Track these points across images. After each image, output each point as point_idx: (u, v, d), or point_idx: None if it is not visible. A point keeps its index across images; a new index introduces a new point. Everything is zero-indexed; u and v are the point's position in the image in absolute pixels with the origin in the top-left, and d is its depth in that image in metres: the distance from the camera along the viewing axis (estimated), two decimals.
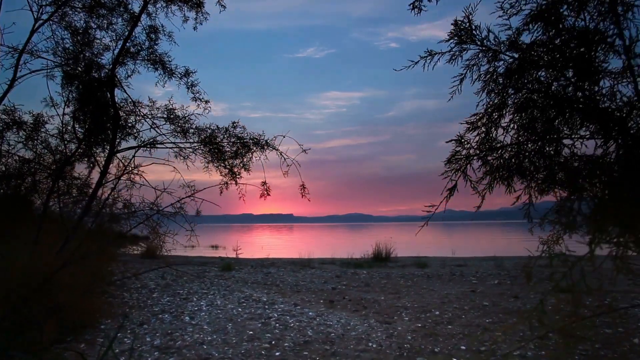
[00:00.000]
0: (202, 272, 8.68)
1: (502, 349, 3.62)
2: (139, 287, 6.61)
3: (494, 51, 2.77)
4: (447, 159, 2.97)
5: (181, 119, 6.72)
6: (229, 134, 6.66)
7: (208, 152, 6.71)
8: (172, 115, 6.69)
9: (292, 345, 3.78)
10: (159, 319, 4.70)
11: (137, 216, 6.26)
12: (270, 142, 6.51)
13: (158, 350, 3.63)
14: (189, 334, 4.14)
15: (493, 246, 20.98)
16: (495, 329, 4.28)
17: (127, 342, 3.88)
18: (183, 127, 6.72)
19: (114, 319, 4.64)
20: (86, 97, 6.15)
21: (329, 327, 4.40)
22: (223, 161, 6.69)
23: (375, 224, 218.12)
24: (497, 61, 2.79)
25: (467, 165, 2.92)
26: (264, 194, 6.51)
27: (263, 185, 6.58)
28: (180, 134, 6.75)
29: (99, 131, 6.34)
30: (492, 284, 7.16)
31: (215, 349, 3.69)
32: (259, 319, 4.72)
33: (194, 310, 5.12)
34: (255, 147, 6.56)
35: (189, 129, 6.71)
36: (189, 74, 6.73)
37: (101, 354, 2.77)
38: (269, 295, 6.21)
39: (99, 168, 6.29)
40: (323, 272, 8.86)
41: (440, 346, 3.72)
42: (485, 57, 2.78)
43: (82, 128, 6.41)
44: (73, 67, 6.19)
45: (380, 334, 4.12)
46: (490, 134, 2.89)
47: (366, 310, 5.23)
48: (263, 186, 6.58)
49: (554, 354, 3.44)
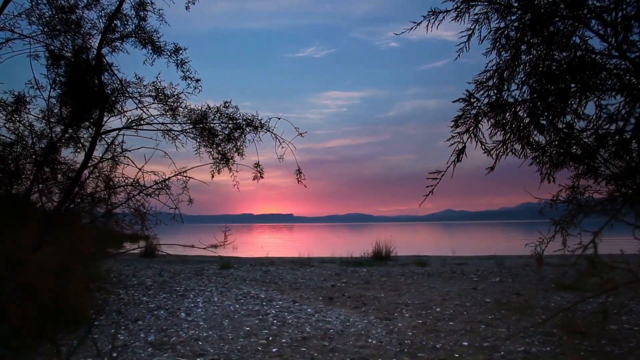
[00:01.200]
0: (200, 270, 8.58)
1: (506, 344, 3.52)
2: (135, 285, 6.50)
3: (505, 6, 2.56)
4: (454, 120, 2.72)
5: (170, 97, 6.34)
6: (220, 113, 6.30)
7: (199, 134, 6.37)
8: (161, 95, 6.31)
9: (289, 342, 3.68)
10: (154, 315, 4.60)
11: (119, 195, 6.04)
12: (264, 124, 6.21)
13: (152, 346, 3.53)
14: (184, 330, 4.04)
15: (493, 245, 20.87)
16: (497, 325, 4.18)
17: (120, 338, 3.78)
18: (172, 105, 6.33)
19: (108, 316, 4.54)
20: (72, 76, 5.83)
21: (328, 323, 4.30)
22: (215, 145, 6.35)
23: (375, 223, 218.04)
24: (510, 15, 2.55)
25: (477, 126, 2.68)
26: (257, 177, 6.31)
27: (256, 167, 6.36)
28: (169, 112, 6.36)
29: (85, 111, 6.01)
30: (493, 282, 7.06)
31: (210, 345, 3.59)
32: (257, 316, 4.62)
33: (190, 307, 5.02)
34: (248, 129, 6.26)
35: (177, 108, 6.34)
36: (178, 51, 6.26)
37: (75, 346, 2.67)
38: (267, 292, 6.11)
39: (85, 151, 5.99)
40: (323, 270, 8.76)
41: (441, 342, 3.62)
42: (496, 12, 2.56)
43: (68, 108, 6.07)
44: (60, 47, 5.88)
45: (380, 330, 4.02)
46: (501, 93, 2.65)
47: (366, 307, 5.13)
48: (256, 168, 6.36)
49: (560, 350, 3.34)
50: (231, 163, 6.45)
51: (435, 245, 23.46)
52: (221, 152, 6.44)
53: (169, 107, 6.36)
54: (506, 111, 2.68)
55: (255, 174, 6.41)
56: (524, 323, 4.21)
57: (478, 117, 2.68)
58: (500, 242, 26.52)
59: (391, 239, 14.53)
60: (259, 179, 6.38)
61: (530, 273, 7.92)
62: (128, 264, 9.64)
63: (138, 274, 7.71)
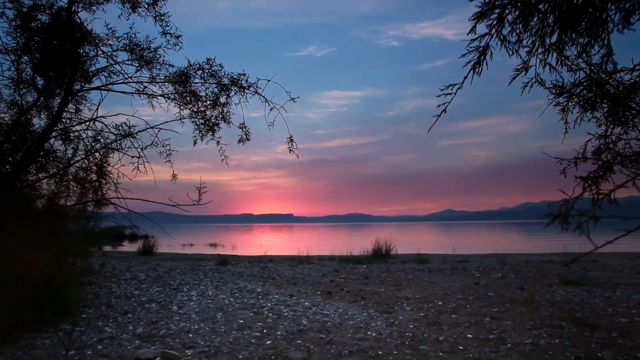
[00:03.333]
0: (197, 266, 8.40)
1: (512, 337, 3.34)
2: (129, 278, 6.32)
3: None
4: (476, 15, 2.23)
5: (146, 50, 5.58)
6: (203, 70, 5.59)
7: (179, 96, 5.72)
8: (136, 49, 5.56)
9: (284, 334, 3.50)
10: (145, 308, 4.42)
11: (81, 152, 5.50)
12: (252, 84, 5.57)
13: (139, 339, 3.36)
14: (175, 322, 3.86)
15: (494, 244, 20.70)
16: (502, 317, 4.00)
17: (107, 330, 3.60)
18: (147, 59, 5.57)
19: (97, 309, 4.36)
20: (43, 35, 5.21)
21: (326, 316, 4.13)
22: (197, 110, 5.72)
23: (375, 223, 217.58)
24: None
25: (504, 20, 2.18)
26: (242, 139, 5.86)
27: (242, 128, 5.87)
28: (145, 67, 5.60)
29: (55, 69, 5.35)
30: (495, 277, 6.88)
31: (201, 337, 3.41)
32: (251, 309, 4.44)
33: (183, 300, 4.84)
34: (234, 89, 5.63)
35: (153, 61, 5.60)
36: (157, 2, 5.50)
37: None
38: (264, 287, 5.93)
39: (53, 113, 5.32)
40: (321, 267, 8.58)
41: (444, 335, 3.44)
42: None
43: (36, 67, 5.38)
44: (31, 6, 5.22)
45: (380, 323, 3.84)
46: None
47: (365, 301, 4.96)
48: (242, 129, 5.86)
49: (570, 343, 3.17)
50: (217, 129, 5.89)
51: (435, 243, 23.27)
52: (205, 117, 5.86)
53: (144, 62, 5.61)
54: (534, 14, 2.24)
55: (241, 136, 5.90)
56: (529, 315, 4.04)
57: (505, 9, 2.20)
58: (501, 241, 26.33)
59: (391, 236, 14.38)
60: (245, 141, 5.90)
61: (532, 269, 7.75)
62: (123, 260, 9.48)
63: (132, 268, 7.53)
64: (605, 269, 7.66)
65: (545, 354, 2.94)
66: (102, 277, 6.34)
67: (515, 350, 3.01)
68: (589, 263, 8.79)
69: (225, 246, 21.57)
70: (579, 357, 2.85)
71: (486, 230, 51.94)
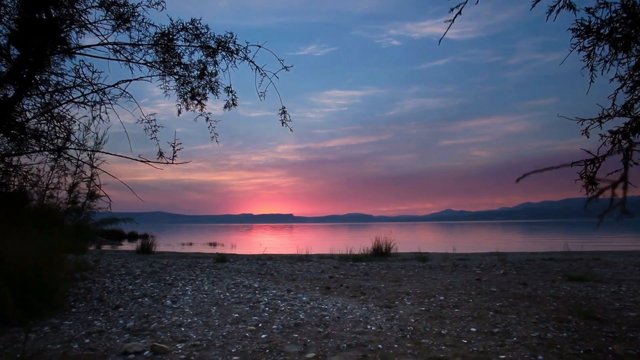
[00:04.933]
0: (195, 263, 8.26)
1: (518, 330, 3.21)
2: (123, 274, 6.18)
3: None
4: None
5: (123, 6, 4.96)
6: (187, 31, 5.12)
7: (160, 60, 5.26)
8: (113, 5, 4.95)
9: (280, 328, 3.36)
10: (137, 303, 4.28)
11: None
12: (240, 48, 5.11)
13: (129, 332, 3.22)
14: (167, 316, 3.72)
15: (495, 243, 20.57)
16: (507, 311, 3.87)
17: (97, 324, 3.47)
18: (124, 15, 4.96)
19: (89, 303, 4.23)
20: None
21: (324, 310, 3.99)
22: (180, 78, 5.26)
23: (375, 223, 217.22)
24: None
25: None
26: (229, 105, 5.55)
27: (229, 92, 5.53)
28: (123, 25, 5.04)
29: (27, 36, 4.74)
30: (497, 274, 6.75)
31: (194, 331, 3.27)
32: (247, 303, 4.30)
33: (178, 295, 4.70)
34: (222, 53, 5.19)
35: (130, 19, 5.02)
36: None
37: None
38: (262, 282, 5.79)
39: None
40: (321, 264, 8.44)
41: (447, 328, 3.31)
42: None
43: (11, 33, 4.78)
44: None
45: (380, 317, 3.71)
46: None
47: (365, 296, 4.82)
48: (229, 94, 5.50)
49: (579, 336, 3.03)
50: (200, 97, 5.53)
51: (435, 242, 23.14)
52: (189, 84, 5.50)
53: (122, 20, 5.05)
54: None
55: (227, 102, 5.58)
56: (534, 310, 3.90)
57: None
58: (502, 240, 26.20)
59: (391, 235, 14.24)
60: (231, 106, 5.59)
61: (534, 267, 7.61)
62: (120, 257, 9.34)
63: (128, 264, 7.39)
64: (608, 266, 7.52)
65: (553, 347, 2.80)
66: (96, 273, 6.21)
67: (521, 344, 2.87)
68: (591, 260, 8.66)
69: (225, 245, 21.45)
70: (589, 351, 2.72)
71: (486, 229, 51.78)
